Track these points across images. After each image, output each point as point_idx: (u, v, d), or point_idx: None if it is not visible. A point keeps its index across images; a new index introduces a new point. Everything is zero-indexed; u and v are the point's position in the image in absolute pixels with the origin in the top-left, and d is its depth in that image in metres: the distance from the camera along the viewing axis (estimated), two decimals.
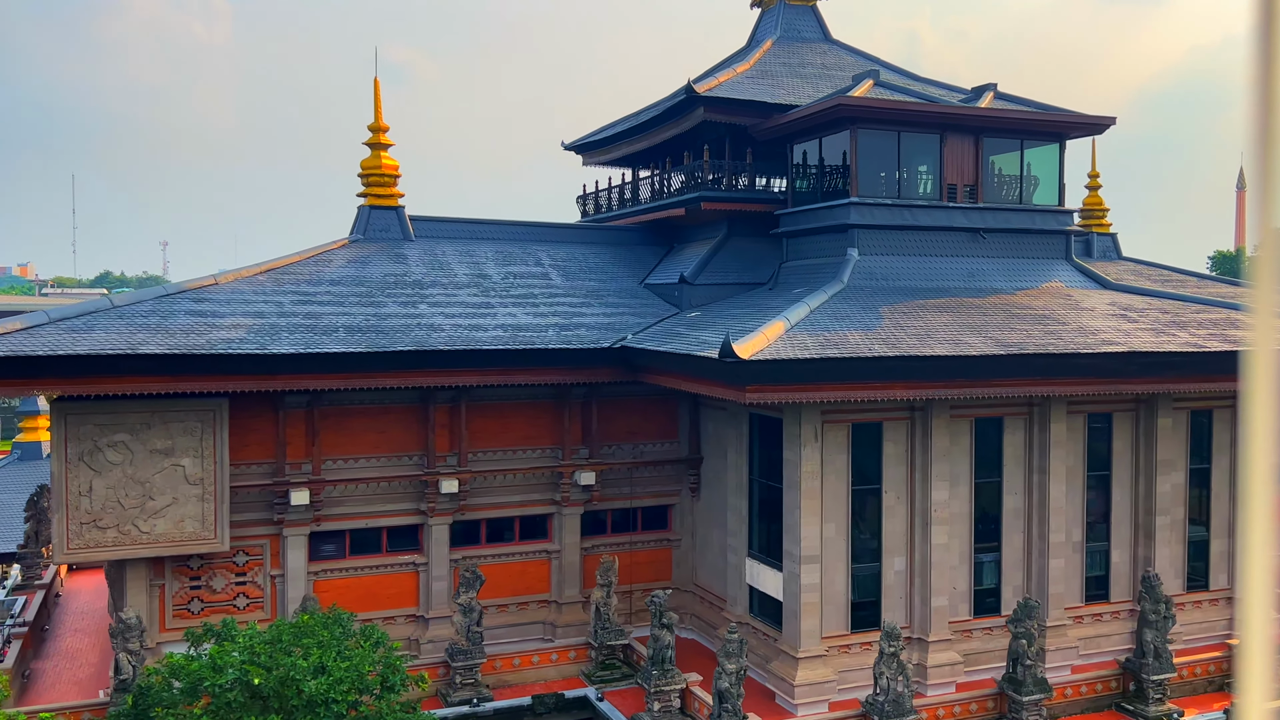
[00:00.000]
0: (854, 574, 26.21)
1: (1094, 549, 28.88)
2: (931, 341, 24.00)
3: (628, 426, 30.48)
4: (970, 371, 23.95)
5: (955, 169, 30.76)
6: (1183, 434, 29.60)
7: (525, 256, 34.03)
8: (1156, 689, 24.69)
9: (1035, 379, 24.77)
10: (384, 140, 33.53)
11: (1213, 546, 30.20)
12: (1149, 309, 29.46)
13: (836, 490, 25.86)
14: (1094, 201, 45.18)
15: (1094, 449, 28.72)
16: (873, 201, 29.55)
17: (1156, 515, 28.78)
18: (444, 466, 27.97)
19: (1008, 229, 31.20)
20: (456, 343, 25.84)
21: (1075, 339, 25.50)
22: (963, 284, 29.95)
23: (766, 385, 22.29)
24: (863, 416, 26.04)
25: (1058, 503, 27.67)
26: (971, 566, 27.34)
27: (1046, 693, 23.45)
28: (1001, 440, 27.65)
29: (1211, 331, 27.68)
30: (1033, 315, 27.50)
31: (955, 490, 26.98)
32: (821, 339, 23.32)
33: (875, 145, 29.95)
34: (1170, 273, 43.61)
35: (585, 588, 30.05)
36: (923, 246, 30.31)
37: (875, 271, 29.31)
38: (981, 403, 26.87)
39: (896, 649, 22.02)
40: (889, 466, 26.43)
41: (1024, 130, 31.28)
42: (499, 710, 25.53)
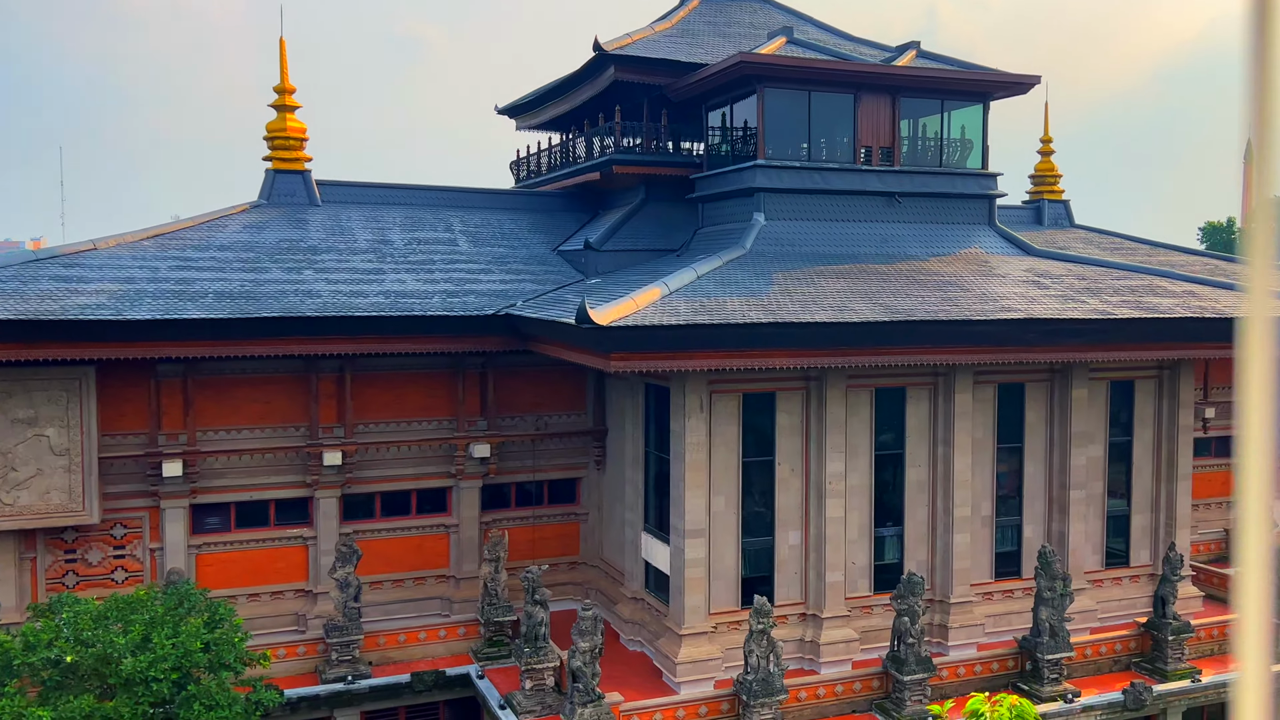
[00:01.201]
0: (745, 548, 25.33)
1: (1005, 524, 27.95)
2: (816, 308, 23.00)
3: (532, 398, 29.57)
4: (854, 339, 22.96)
5: (871, 131, 29.63)
6: (1101, 405, 28.58)
7: (436, 222, 33.04)
8: (1052, 668, 23.80)
9: (926, 347, 23.77)
10: (290, 102, 32.50)
11: (1134, 522, 29.24)
12: (1066, 276, 28.36)
13: (727, 462, 24.94)
14: (1046, 168, 44.02)
15: (1006, 420, 27.73)
16: (780, 164, 28.47)
17: (1071, 489, 27.81)
18: (329, 438, 27.11)
19: (926, 193, 30.08)
20: (329, 309, 24.90)
21: (972, 306, 24.47)
22: (874, 250, 28.89)
23: (632, 353, 21.34)
24: (754, 386, 25.09)
25: (963, 476, 26.72)
26: (872, 541, 26.43)
27: (930, 671, 22.58)
28: (904, 411, 26.69)
29: (1126, 299, 26.60)
30: (936, 282, 26.45)
31: (854, 463, 26.05)
32: (698, 305, 22.33)
33: (785, 106, 28.82)
34: (1123, 240, 42.56)
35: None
36: (835, 211, 29.24)
37: (782, 237, 28.27)
38: (882, 372, 25.88)
39: (766, 626, 21.15)
40: (783, 438, 25.50)
41: (944, 90, 30.10)
42: (375, 688, 24.78)
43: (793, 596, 25.79)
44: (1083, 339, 24.93)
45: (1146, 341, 25.79)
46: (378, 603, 28.16)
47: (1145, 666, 25.37)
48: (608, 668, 25.59)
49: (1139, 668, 25.50)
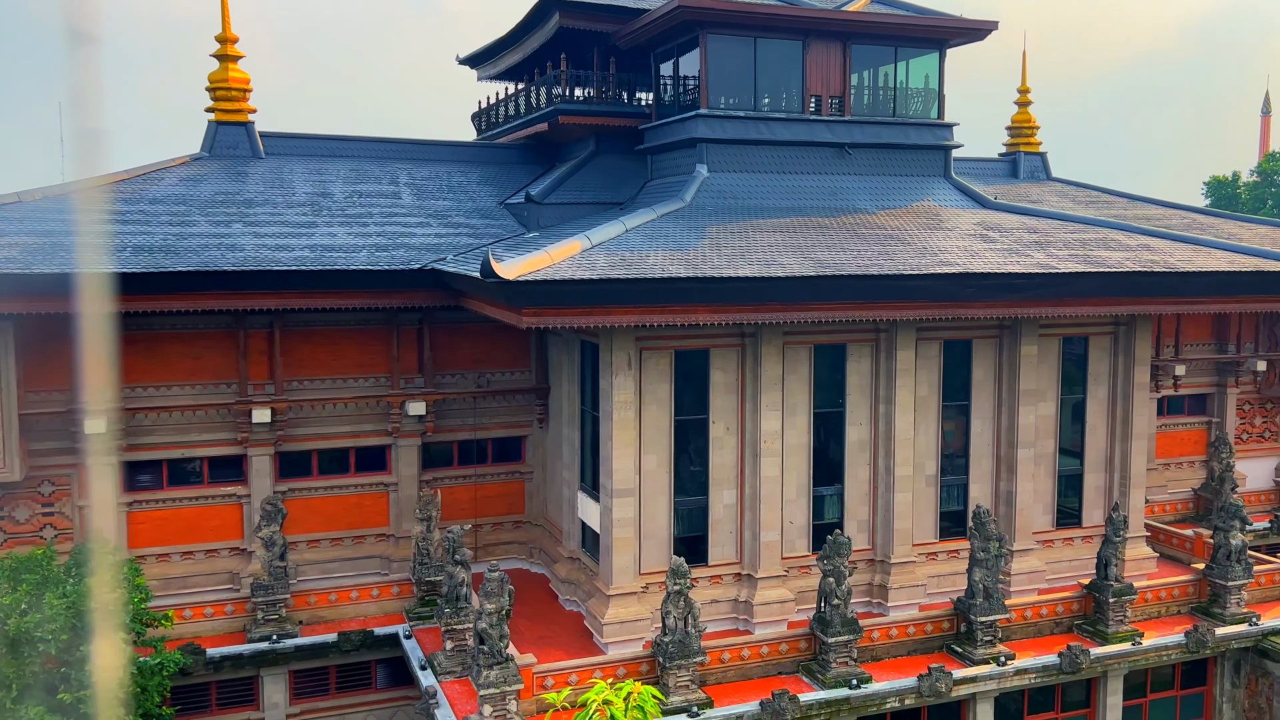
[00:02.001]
0: (678, 508, 24.84)
1: (951, 483, 27.38)
2: (743, 263, 22.29)
3: (473, 355, 29.01)
4: (782, 295, 22.25)
5: (820, 79, 28.72)
6: (1054, 362, 27.86)
7: (382, 175, 32.35)
8: (986, 630, 23.31)
9: (858, 303, 23.04)
10: (232, 52, 31.76)
11: (1088, 481, 28.60)
12: (1017, 229, 27.54)
13: (658, 420, 24.38)
14: (1023, 119, 42.98)
15: (952, 378, 27.07)
16: (723, 114, 27.63)
17: (1019, 448, 27.19)
18: (260, 395, 26.64)
19: (877, 144, 29.22)
20: (248, 264, 24.30)
21: (911, 261, 23.72)
22: (822, 203, 28.10)
23: (545, 309, 20.71)
24: (687, 343, 24.48)
25: (905, 434, 26.11)
26: (810, 500, 25.90)
27: (855, 633, 22.11)
28: (845, 368, 26.05)
29: (1075, 253, 25.80)
30: (879, 236, 25.69)
31: (792, 421, 25.46)
32: (617, 260, 21.66)
33: (729, 53, 27.91)
34: (1100, 194, 41.68)
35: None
36: (782, 163, 28.43)
37: (725, 189, 27.50)
38: (821, 329, 25.22)
39: (683, 587, 20.69)
40: (717, 396, 24.91)
41: (896, 36, 29.12)
42: (301, 647, 24.50)
43: (728, 556, 25.34)
44: (1025, 294, 24.17)
45: (1094, 297, 25.02)
46: (316, 561, 27.86)
47: (1087, 629, 24.86)
48: (541, 628, 25.39)
49: (1081, 630, 25.00)
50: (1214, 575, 25.93)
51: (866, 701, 21.81)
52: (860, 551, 26.54)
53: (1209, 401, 38.42)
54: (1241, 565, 25.66)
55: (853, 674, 22.00)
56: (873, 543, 26.59)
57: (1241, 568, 25.64)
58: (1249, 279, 25.98)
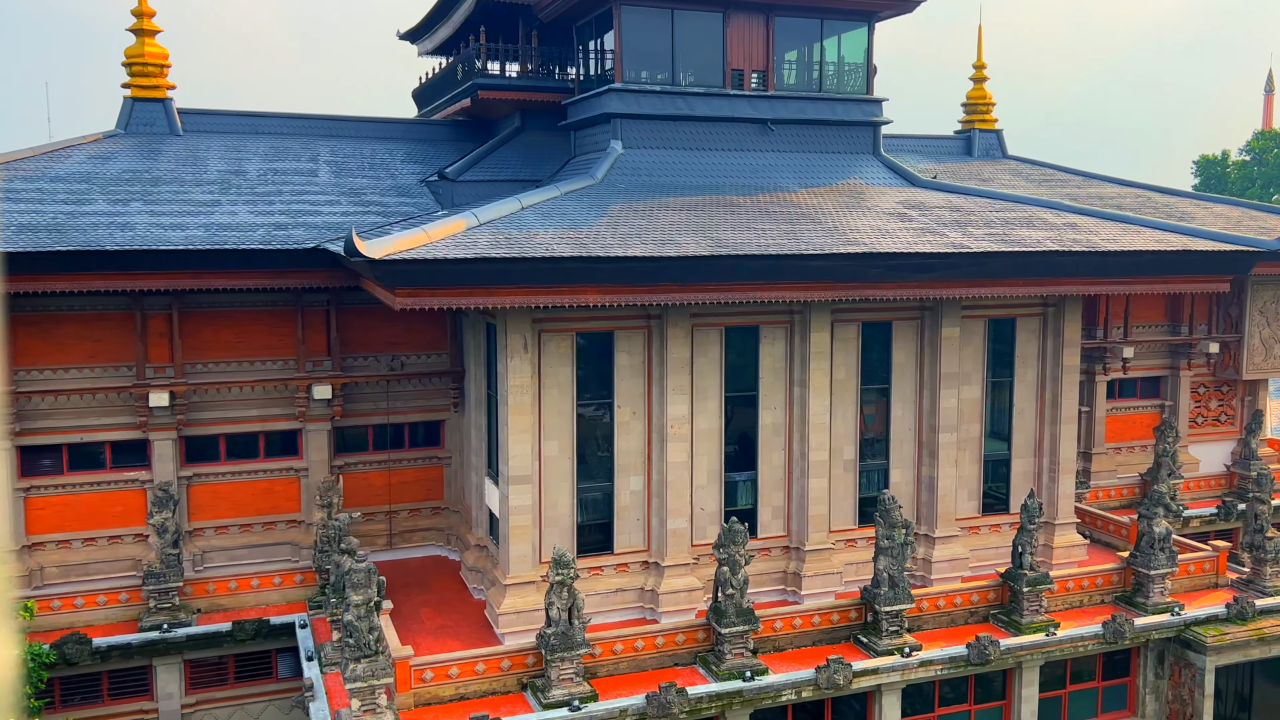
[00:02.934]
0: (582, 495, 24.16)
1: (871, 468, 26.67)
2: (638, 242, 21.52)
3: (387, 337, 28.27)
4: (676, 275, 21.48)
5: (742, 53, 27.86)
6: (979, 344, 27.08)
7: (303, 152, 31.60)
8: (891, 620, 22.64)
9: (758, 284, 22.27)
10: (149, 26, 31.01)
11: (1015, 467, 27.89)
12: (940, 208, 26.71)
13: (560, 405, 23.68)
14: (978, 95, 42.10)
15: (871, 360, 26.32)
16: (637, 88, 26.81)
17: (940, 432, 26.45)
18: (160, 378, 25.94)
19: (802, 120, 28.39)
20: (136, 243, 23.56)
21: (817, 240, 22.93)
22: (742, 180, 27.29)
23: (421, 289, 19.98)
24: (589, 325, 23.74)
25: (819, 418, 25.38)
26: (722, 486, 25.21)
27: (751, 624, 21.43)
28: (758, 351, 25.29)
29: (994, 232, 24.99)
30: (792, 215, 24.89)
31: (703, 405, 24.74)
32: (502, 238, 20.90)
33: (645, 25, 27.06)
34: (1055, 171, 40.86)
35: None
36: (702, 139, 27.62)
37: (641, 166, 26.71)
38: (733, 310, 24.47)
39: (565, 578, 20.00)
40: (623, 379, 24.18)
41: (822, 9, 28.22)
42: (193, 636, 23.90)
43: (635, 544, 24.67)
44: (934, 274, 23.38)
45: (1009, 277, 24.22)
46: (224, 548, 27.24)
47: (1002, 619, 24.18)
48: (445, 617, 24.81)
49: (996, 620, 24.32)
50: (1137, 564, 25.22)
51: (761, 694, 21.16)
52: (776, 538, 25.88)
53: (1162, 384, 37.63)
54: (1165, 553, 24.93)
55: (748, 666, 21.34)
56: (788, 529, 25.91)
57: (1165, 556, 24.92)
58: (1173, 258, 25.17)
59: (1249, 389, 38.60)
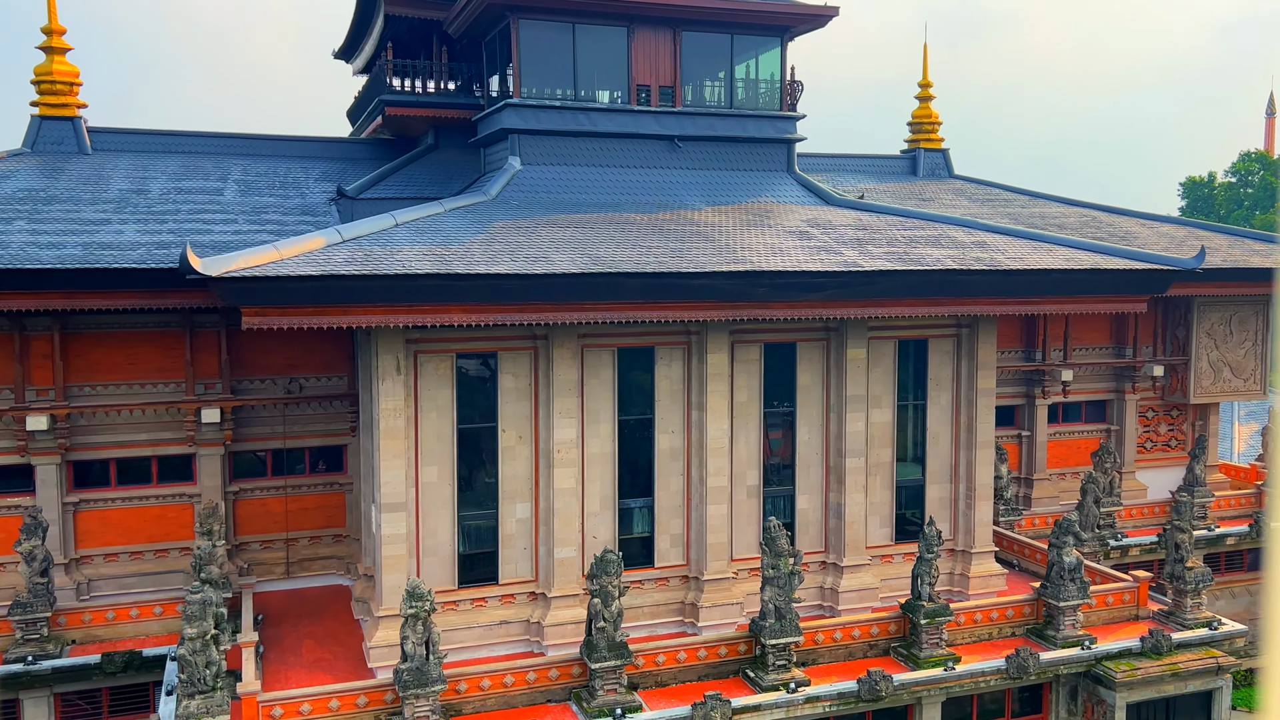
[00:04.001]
0: (464, 523, 23.30)
1: (776, 494, 25.74)
2: (509, 260, 20.74)
3: (285, 359, 27.52)
4: (546, 294, 20.68)
5: (648, 68, 27.19)
6: (888, 366, 26.19)
7: (213, 171, 30.96)
8: (778, 654, 21.66)
9: (636, 303, 21.44)
10: (59, 44, 30.51)
11: (930, 493, 26.93)
12: (845, 226, 25.90)
13: (440, 429, 22.86)
14: (924, 114, 41.36)
15: (775, 382, 25.45)
16: (536, 104, 26.14)
17: (847, 457, 25.54)
18: (41, 401, 25.22)
19: (711, 137, 27.67)
20: (3, 262, 22.83)
21: (702, 258, 22.13)
22: (645, 198, 26.55)
23: (268, 308, 19.25)
24: (471, 346, 22.96)
25: (718, 443, 24.51)
26: (616, 514, 24.32)
27: (624, 658, 20.47)
28: (653, 372, 24.45)
29: (893, 250, 24.16)
30: (686, 233, 24.10)
31: (595, 429, 23.89)
32: (362, 255, 20.15)
33: (545, 40, 26.43)
34: (1000, 191, 40.09)
35: (237, 534, 27.43)
36: (606, 156, 26.92)
37: (539, 183, 26.00)
38: (626, 330, 23.66)
39: (419, 611, 19.13)
40: (508, 402, 23.36)
41: (731, 23, 27.56)
42: (60, 669, 23.02)
43: (522, 574, 23.77)
44: (824, 293, 22.54)
45: (908, 297, 23.38)
46: (113, 576, 26.42)
47: (901, 652, 23.18)
48: (325, 649, 23.97)
49: (896, 653, 23.32)
50: (1047, 595, 24.20)
51: None
52: (674, 567, 24.95)
53: (1108, 408, 36.74)
54: (1076, 584, 23.92)
55: (620, 703, 20.37)
56: (688, 558, 24.98)
57: (1076, 587, 23.91)
58: (1083, 277, 24.30)
59: (1200, 413, 37.63)
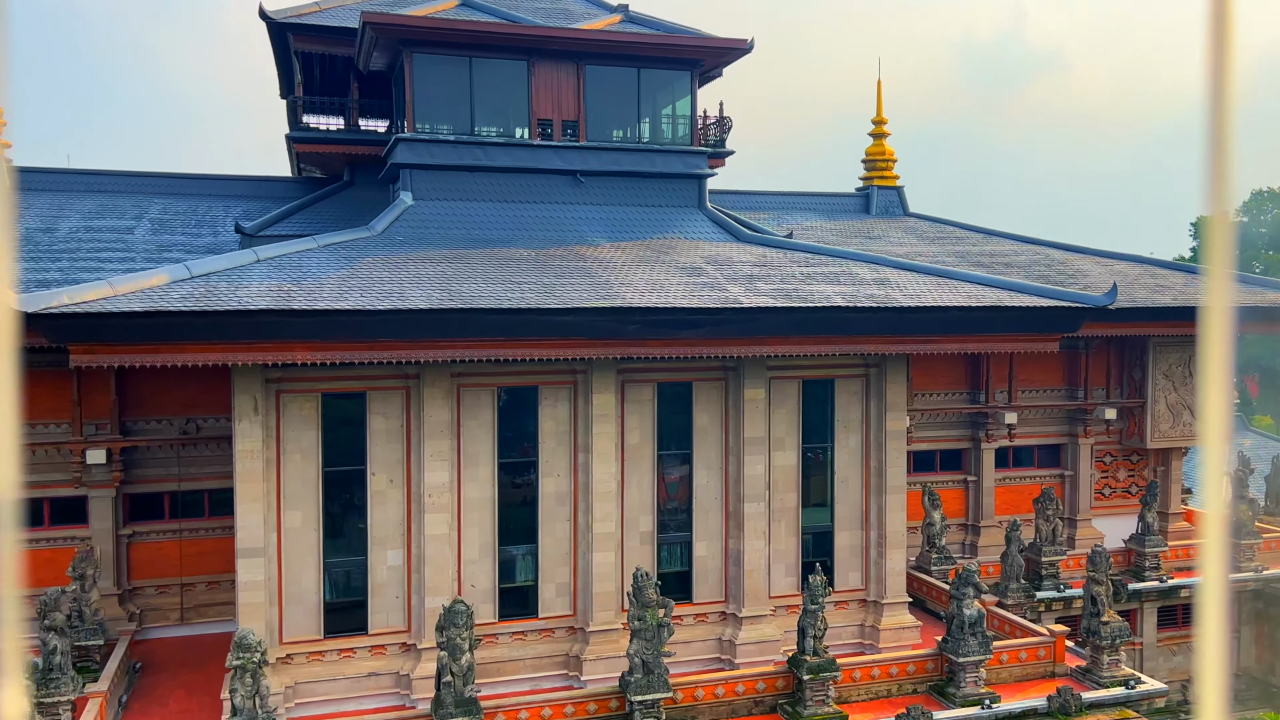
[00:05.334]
0: (332, 570, 22.48)
1: (672, 541, 24.72)
2: (357, 296, 20.08)
3: (184, 398, 26.97)
4: (396, 331, 19.96)
5: (550, 103, 26.61)
6: (792, 407, 25.18)
7: (130, 209, 30.74)
8: (646, 712, 20.54)
9: (500, 340, 20.65)
10: None
11: (840, 540, 25.78)
12: (744, 263, 25.03)
13: (304, 472, 22.12)
14: (877, 151, 40.52)
15: (670, 424, 24.51)
16: (428, 138, 25.62)
17: (746, 502, 24.49)
18: None
19: (617, 172, 26.99)
20: None
21: (572, 294, 21.33)
22: (544, 234, 25.85)
23: (97, 345, 18.68)
24: (338, 385, 22.25)
25: (605, 486, 23.57)
26: (496, 561, 23.40)
27: (472, 715, 19.47)
28: (537, 413, 23.60)
29: (784, 287, 23.24)
30: (570, 269, 23.35)
31: (473, 472, 23.06)
32: (206, 291, 19.56)
33: (441, 74, 25.96)
34: (953, 229, 39.10)
35: (131, 579, 26.79)
36: (505, 191, 26.30)
37: (430, 218, 25.41)
38: (507, 370, 22.91)
39: (246, 663, 18.28)
40: (378, 444, 22.60)
41: (637, 56, 26.97)
42: None
43: (394, 624, 22.86)
44: (701, 331, 21.64)
45: (793, 334, 22.42)
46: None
47: (788, 709, 21.97)
48: (195, 699, 23.24)
49: (782, 710, 22.10)
50: (947, 650, 22.91)
51: None
52: (560, 618, 23.93)
53: (1062, 452, 35.35)
54: (977, 639, 22.62)
55: None
56: (574, 608, 23.96)
57: (977, 641, 22.61)
58: (983, 315, 23.24)
59: (1162, 459, 36.11)
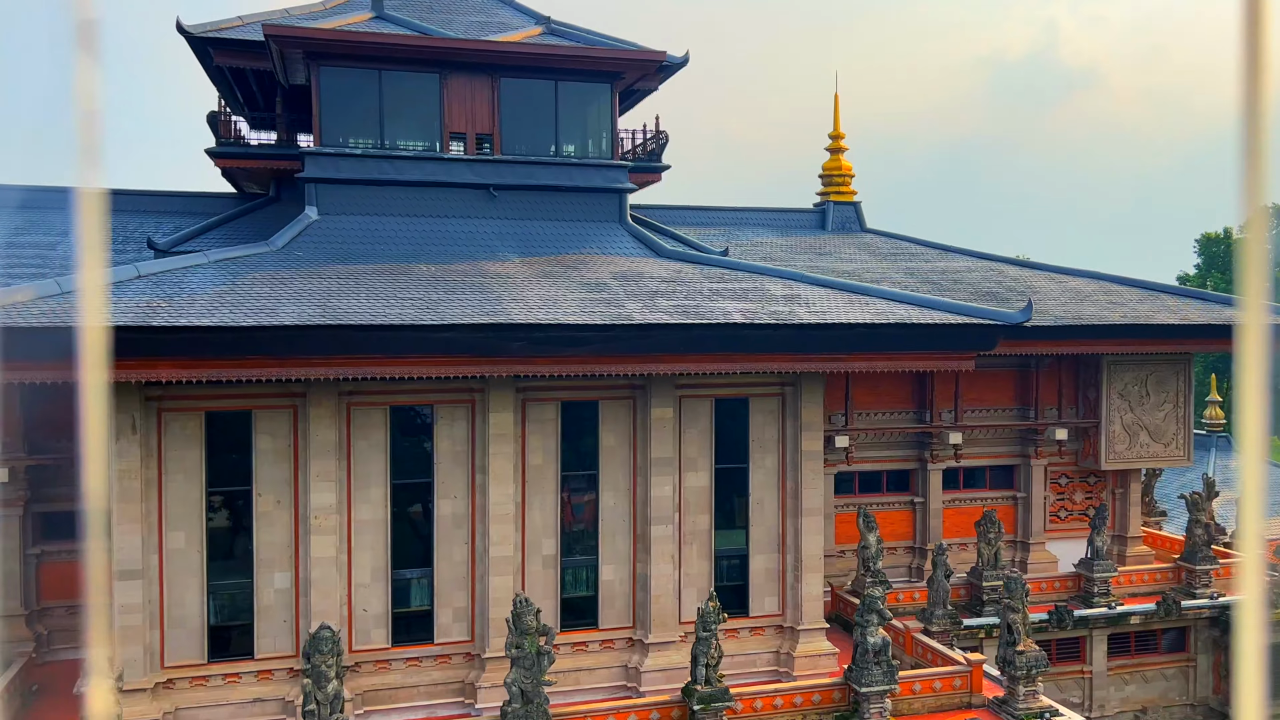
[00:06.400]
0: (216, 593, 21.92)
1: (578, 564, 24.03)
2: (224, 314, 19.58)
3: None
4: (267, 348, 19.44)
5: (464, 116, 26.14)
6: (705, 426, 24.47)
7: (59, 226, 30.47)
8: None
9: (372, 357, 20.10)
10: None
11: (755, 564, 25.00)
12: (655, 278, 24.40)
13: (187, 492, 21.60)
14: (834, 166, 39.85)
15: (576, 444, 23.86)
16: (335, 151, 25.19)
17: (654, 524, 23.79)
18: None
19: (532, 186, 26.47)
20: None
21: (456, 311, 20.76)
22: (453, 249, 25.33)
23: None
24: (221, 404, 21.73)
25: (502, 509, 22.93)
26: (389, 585, 22.78)
27: None
28: (433, 432, 23.02)
29: (684, 304, 22.58)
30: (466, 285, 22.79)
31: (364, 493, 22.48)
32: (66, 308, 19.10)
33: (350, 87, 25.55)
34: (908, 245, 38.35)
35: (40, 600, 26.35)
36: (417, 206, 25.82)
37: (335, 233, 24.94)
38: (402, 387, 22.33)
39: None
40: (265, 465, 22.05)
41: (553, 69, 26.48)
42: None
43: (281, 648, 22.25)
44: (591, 349, 21.00)
45: (695, 353, 21.78)
46: None
47: None
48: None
49: None
50: (851, 679, 22.06)
51: None
52: (458, 644, 23.27)
53: (1016, 474, 34.43)
54: (882, 668, 21.76)
55: None
56: (473, 634, 23.30)
57: (882, 671, 21.75)
58: (891, 332, 22.48)
59: (1121, 481, 35.10)
